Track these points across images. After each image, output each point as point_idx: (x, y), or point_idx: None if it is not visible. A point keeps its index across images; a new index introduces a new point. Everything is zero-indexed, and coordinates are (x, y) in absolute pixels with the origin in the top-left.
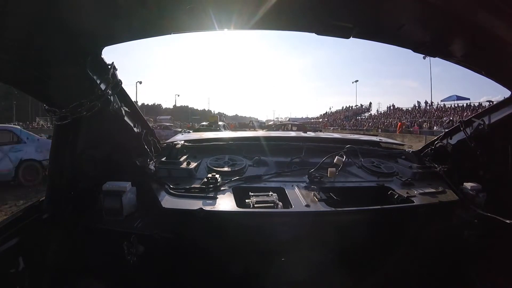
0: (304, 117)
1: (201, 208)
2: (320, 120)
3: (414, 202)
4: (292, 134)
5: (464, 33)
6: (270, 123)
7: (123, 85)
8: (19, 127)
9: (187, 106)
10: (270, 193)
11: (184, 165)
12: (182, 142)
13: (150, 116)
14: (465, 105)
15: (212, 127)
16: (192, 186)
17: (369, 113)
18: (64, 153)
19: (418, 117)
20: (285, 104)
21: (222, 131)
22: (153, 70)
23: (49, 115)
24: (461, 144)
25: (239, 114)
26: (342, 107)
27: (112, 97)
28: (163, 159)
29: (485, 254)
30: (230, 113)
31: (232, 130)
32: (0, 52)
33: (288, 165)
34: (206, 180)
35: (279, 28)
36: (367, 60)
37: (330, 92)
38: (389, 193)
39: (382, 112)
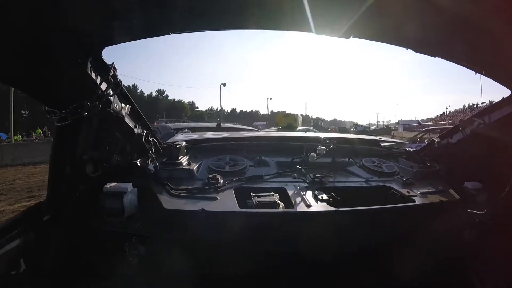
0: (412, 119)
1: (203, 208)
2: (441, 123)
3: (415, 201)
4: (292, 134)
5: (464, 33)
6: (373, 127)
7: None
8: None
9: (285, 111)
10: (272, 193)
11: (185, 165)
12: (183, 142)
13: (247, 122)
14: None
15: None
16: (193, 186)
17: None
18: (64, 154)
19: None
20: (389, 106)
21: None
22: (250, 76)
23: (50, 116)
24: (462, 143)
25: (338, 119)
26: (464, 106)
27: (112, 97)
28: (164, 159)
29: (485, 254)
30: (328, 117)
31: None
32: (0, 53)
33: (289, 165)
34: (207, 180)
35: (278, 28)
36: None
37: (438, 90)
38: (390, 192)
39: None
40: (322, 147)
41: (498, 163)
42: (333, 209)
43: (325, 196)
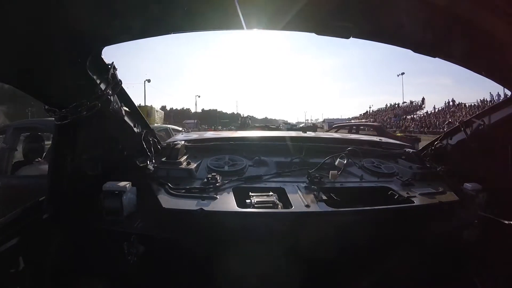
0: (338, 117)
1: (201, 208)
2: (364, 120)
3: (414, 202)
4: (292, 134)
5: (465, 33)
6: (301, 125)
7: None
8: None
9: (216, 109)
10: (270, 193)
11: (184, 165)
12: (182, 142)
13: (177, 120)
14: None
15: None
16: (193, 186)
17: (424, 111)
18: (64, 153)
19: None
20: (316, 106)
21: None
22: (180, 73)
23: (49, 115)
24: (461, 144)
25: (269, 117)
26: (386, 105)
27: (112, 97)
28: (163, 159)
29: (485, 254)
30: (259, 116)
31: None
32: (0, 52)
33: (288, 165)
34: (206, 180)
35: (279, 28)
36: (398, 58)
37: (362, 93)
38: (389, 193)
39: (439, 108)
40: (340, 160)
41: (498, 164)
42: (331, 209)
43: (324, 196)
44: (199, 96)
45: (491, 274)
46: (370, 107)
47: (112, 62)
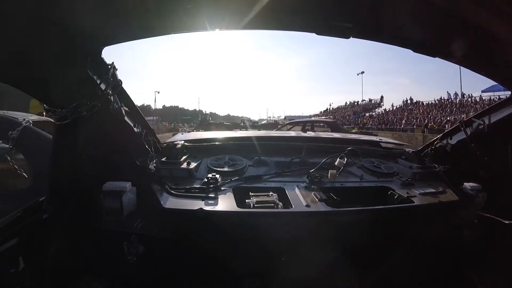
0: (299, 115)
1: (201, 208)
2: (323, 118)
3: (414, 202)
4: (292, 134)
5: (464, 33)
6: (263, 122)
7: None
8: None
9: (177, 106)
10: (270, 193)
11: (184, 165)
12: (182, 142)
13: None
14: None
15: None
16: (193, 186)
17: (383, 109)
18: (64, 153)
19: (456, 112)
20: (279, 103)
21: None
22: (138, 68)
23: (49, 115)
24: (461, 144)
25: (231, 114)
26: (346, 103)
27: (112, 97)
28: (163, 159)
29: (485, 254)
30: (222, 112)
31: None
32: (0, 52)
33: (288, 165)
34: (206, 180)
35: (279, 28)
36: (360, 58)
37: (323, 91)
38: (389, 193)
39: (398, 106)
40: (340, 160)
41: (498, 164)
42: (331, 209)
43: (323, 196)
44: (158, 92)
45: (491, 274)
46: (330, 105)
47: (112, 62)
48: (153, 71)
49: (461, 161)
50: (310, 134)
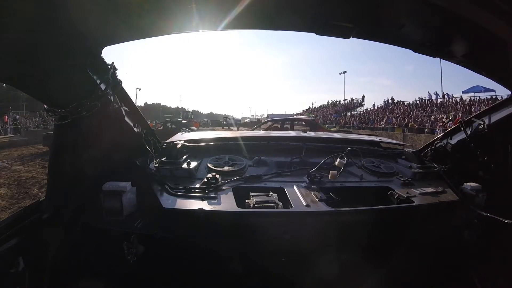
0: (282, 113)
1: (201, 208)
2: (305, 116)
3: (414, 202)
4: (292, 134)
5: (464, 33)
6: (246, 120)
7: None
8: None
9: (159, 103)
10: (270, 193)
11: (184, 165)
12: (182, 142)
13: None
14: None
15: None
16: (192, 186)
17: (364, 108)
18: (64, 153)
19: (437, 112)
20: (262, 102)
21: None
22: (121, 66)
23: (49, 115)
24: (461, 144)
25: (214, 112)
26: (328, 102)
27: (112, 97)
28: (163, 159)
29: (485, 254)
30: (205, 110)
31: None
32: (0, 52)
33: (288, 165)
34: (206, 180)
35: (279, 28)
36: (344, 58)
37: (307, 90)
38: (389, 193)
39: (379, 106)
40: (341, 160)
41: (497, 164)
42: (331, 209)
43: (323, 196)
44: (139, 89)
45: (491, 274)
46: (312, 104)
47: (112, 62)
48: (134, 67)
49: (461, 161)
50: (310, 134)
